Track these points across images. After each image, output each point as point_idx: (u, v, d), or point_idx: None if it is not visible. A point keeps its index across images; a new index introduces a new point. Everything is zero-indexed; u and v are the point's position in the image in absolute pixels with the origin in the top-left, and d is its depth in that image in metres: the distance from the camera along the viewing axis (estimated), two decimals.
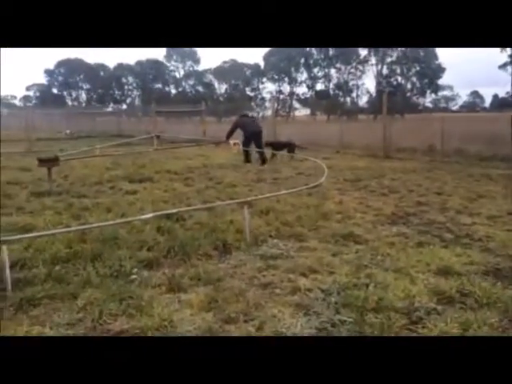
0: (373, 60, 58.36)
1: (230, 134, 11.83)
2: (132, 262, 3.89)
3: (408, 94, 57.05)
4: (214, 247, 4.33)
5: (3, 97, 70.91)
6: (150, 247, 4.28)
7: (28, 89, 69.09)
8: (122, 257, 3.96)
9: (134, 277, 3.65)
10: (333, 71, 60.54)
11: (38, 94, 67.43)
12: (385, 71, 58.70)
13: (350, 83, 60.79)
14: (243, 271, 3.80)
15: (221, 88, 65.68)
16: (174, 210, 4.96)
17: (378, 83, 58.68)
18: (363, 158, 13.11)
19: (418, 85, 57.50)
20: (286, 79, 60.94)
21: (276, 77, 60.69)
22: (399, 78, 58.31)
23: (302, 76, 61.24)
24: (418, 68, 55.90)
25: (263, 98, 62.66)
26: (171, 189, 7.77)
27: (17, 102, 70.61)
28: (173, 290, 3.41)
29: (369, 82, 79.50)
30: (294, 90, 61.96)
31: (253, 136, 11.59)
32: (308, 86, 61.71)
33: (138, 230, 4.79)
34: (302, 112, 61.08)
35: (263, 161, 11.25)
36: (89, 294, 3.25)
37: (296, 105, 62.93)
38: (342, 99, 60.18)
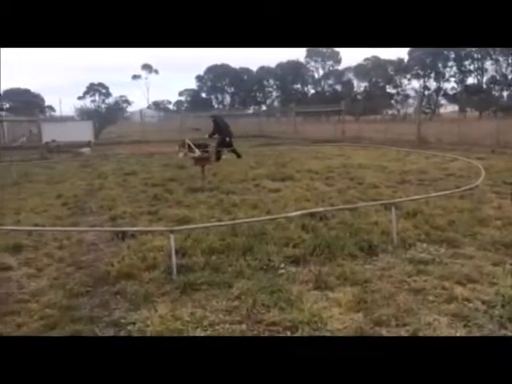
0: None
1: (213, 134, 12.47)
2: (279, 257, 4.05)
3: None
4: (359, 248, 4.27)
5: (160, 102, 79.27)
6: (296, 244, 4.39)
7: (180, 94, 76.06)
8: (270, 251, 4.14)
9: (282, 271, 3.80)
10: (488, 63, 54.62)
11: (188, 98, 73.72)
12: None
13: (510, 76, 54.14)
14: (391, 274, 3.69)
15: (359, 86, 64.03)
16: (321, 209, 5.02)
17: None
18: None
19: None
20: (432, 74, 56.80)
21: (421, 72, 57.00)
22: None
23: (451, 70, 56.45)
24: None
25: (406, 95, 59.23)
26: (312, 188, 7.86)
27: (171, 107, 78.28)
28: (320, 288, 3.46)
29: None
30: (441, 85, 57.45)
31: (226, 142, 12.35)
32: (456, 81, 56.70)
33: (283, 226, 4.94)
34: (447, 109, 56.43)
35: (238, 155, 12.69)
36: (242, 284, 3.47)
37: (442, 101, 58.33)
38: (497, 94, 53.93)
